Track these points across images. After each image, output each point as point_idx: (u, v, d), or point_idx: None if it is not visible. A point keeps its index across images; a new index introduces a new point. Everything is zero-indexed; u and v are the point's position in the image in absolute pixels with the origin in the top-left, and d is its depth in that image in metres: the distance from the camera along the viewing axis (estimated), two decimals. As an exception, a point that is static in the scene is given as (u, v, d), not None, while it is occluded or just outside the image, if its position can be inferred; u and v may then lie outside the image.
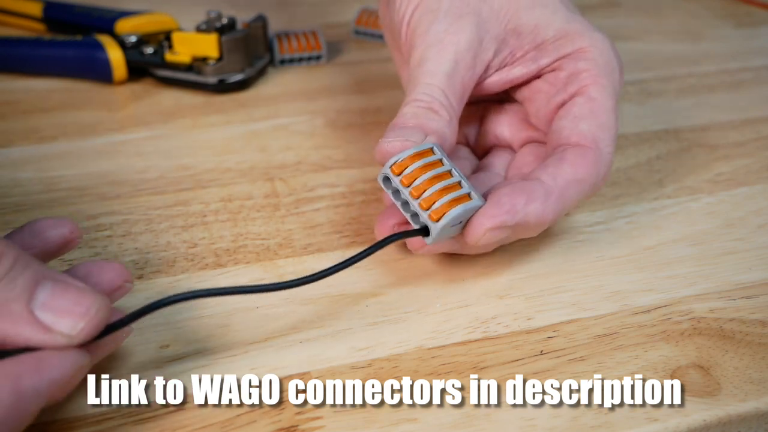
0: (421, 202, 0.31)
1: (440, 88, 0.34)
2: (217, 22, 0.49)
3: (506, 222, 0.31)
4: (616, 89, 0.36)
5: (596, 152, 0.34)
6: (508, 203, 0.31)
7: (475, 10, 0.36)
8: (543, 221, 0.32)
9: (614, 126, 0.35)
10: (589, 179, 0.34)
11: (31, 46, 0.51)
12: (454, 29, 0.35)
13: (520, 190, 0.32)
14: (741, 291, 0.34)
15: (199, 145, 0.44)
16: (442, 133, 0.33)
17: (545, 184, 0.33)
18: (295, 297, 0.34)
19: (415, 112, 0.34)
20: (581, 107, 0.35)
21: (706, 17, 0.62)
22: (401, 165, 0.31)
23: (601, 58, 0.36)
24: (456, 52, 0.35)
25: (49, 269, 0.27)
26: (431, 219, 0.31)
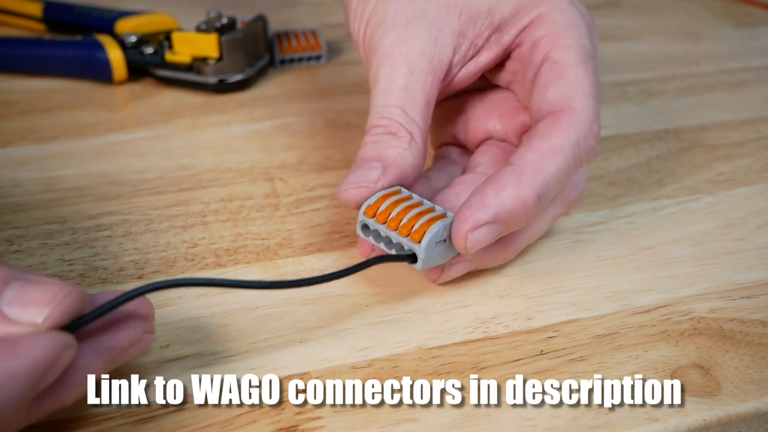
0: (400, 230, 0.31)
1: (397, 106, 0.34)
2: (217, 22, 0.49)
3: (480, 219, 0.30)
4: (584, 45, 0.34)
5: (568, 113, 0.32)
6: (477, 201, 0.31)
7: (422, 12, 0.34)
8: (524, 204, 0.31)
9: (587, 79, 0.33)
10: (566, 143, 0.31)
11: (31, 46, 0.51)
12: (403, 39, 0.34)
13: (487, 183, 0.31)
14: (741, 291, 0.34)
15: (199, 145, 0.44)
16: (402, 157, 0.33)
17: (515, 165, 0.31)
18: (295, 297, 0.34)
19: (374, 140, 0.33)
20: (546, 75, 0.33)
21: (706, 17, 0.62)
22: (373, 207, 0.32)
23: (561, 19, 0.34)
24: (408, 63, 0.34)
25: (22, 271, 0.26)
26: (414, 241, 0.31)
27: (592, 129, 0.32)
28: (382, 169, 0.33)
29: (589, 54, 0.33)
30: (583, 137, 0.32)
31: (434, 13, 0.34)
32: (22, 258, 0.35)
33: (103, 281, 0.34)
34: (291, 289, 0.34)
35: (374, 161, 0.33)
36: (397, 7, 0.35)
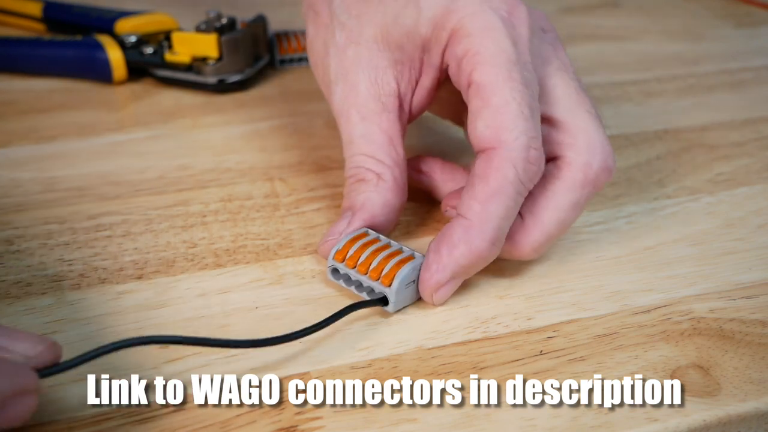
0: (370, 274, 0.32)
1: (361, 154, 0.35)
2: (216, 22, 0.49)
3: (441, 280, 0.32)
4: (505, 52, 0.32)
5: (500, 149, 0.31)
6: (434, 262, 0.32)
7: (356, 58, 0.35)
8: (479, 255, 0.31)
9: (513, 99, 0.31)
10: (505, 183, 0.31)
11: (31, 46, 0.50)
12: (347, 91, 0.35)
13: (441, 241, 0.32)
14: (741, 291, 0.34)
15: (199, 145, 0.44)
16: (369, 200, 0.34)
17: (462, 218, 0.32)
18: (295, 297, 0.34)
19: (347, 191, 0.35)
20: (474, 101, 0.32)
21: (706, 17, 0.62)
22: (342, 252, 0.33)
23: (475, 26, 0.32)
24: (358, 111, 0.35)
25: None
26: (384, 285, 0.32)
27: (529, 157, 0.31)
28: (351, 218, 0.34)
29: (512, 62, 0.32)
30: (522, 170, 0.31)
31: (366, 54, 0.35)
32: (21, 258, 0.35)
33: (103, 281, 0.34)
34: (294, 288, 0.34)
35: (347, 211, 0.35)
36: (336, 62, 0.36)
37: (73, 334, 0.32)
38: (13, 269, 0.35)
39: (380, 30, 0.35)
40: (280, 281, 0.34)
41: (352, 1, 0.36)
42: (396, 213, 0.35)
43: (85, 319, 0.32)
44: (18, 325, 0.32)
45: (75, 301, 0.33)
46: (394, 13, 0.34)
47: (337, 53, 0.36)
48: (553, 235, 0.34)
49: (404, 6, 0.34)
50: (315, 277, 0.35)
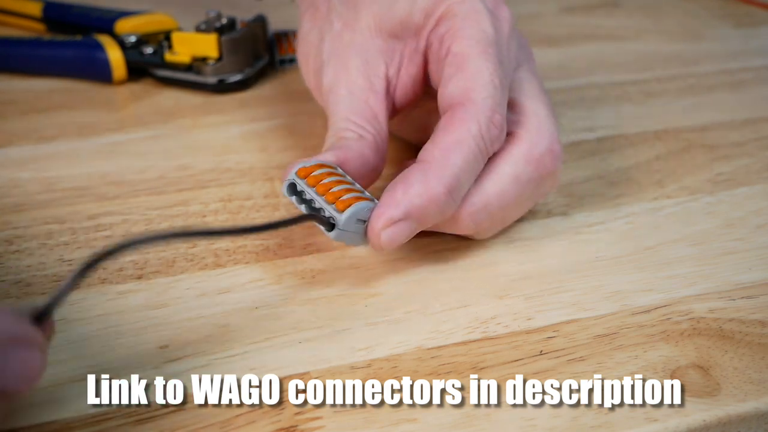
0: (327, 197, 0.32)
1: (344, 118, 0.35)
2: (216, 22, 0.49)
3: (393, 216, 0.31)
4: (485, 32, 0.34)
5: (467, 105, 0.32)
6: (388, 198, 0.31)
7: (351, 42, 0.36)
8: (434, 199, 0.31)
9: (485, 69, 0.33)
10: (467, 135, 0.32)
11: (31, 46, 0.51)
12: (339, 69, 0.36)
13: (397, 181, 0.32)
14: (741, 291, 0.34)
15: (199, 145, 0.44)
16: (346, 145, 0.34)
17: (421, 162, 0.32)
18: (295, 297, 0.34)
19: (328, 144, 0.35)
20: (448, 68, 0.34)
21: (705, 17, 0.62)
22: (307, 170, 0.32)
23: (461, 11, 0.34)
24: (346, 85, 0.36)
25: None
26: (338, 209, 0.31)
27: (493, 118, 0.32)
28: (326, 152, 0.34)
29: (490, 41, 0.34)
30: (485, 127, 0.32)
31: (360, 39, 0.36)
32: (21, 258, 0.35)
33: (103, 281, 0.34)
34: (293, 289, 0.34)
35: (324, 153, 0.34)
36: (330, 46, 0.37)
37: (74, 334, 0.32)
38: (13, 269, 0.35)
39: (375, 19, 0.36)
40: (280, 281, 0.34)
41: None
42: (371, 171, 0.35)
43: (86, 318, 0.32)
44: (18, 325, 0.32)
45: (75, 301, 0.33)
46: (389, 3, 0.36)
47: (332, 38, 0.37)
48: (491, 206, 0.34)
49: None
50: (315, 277, 0.35)
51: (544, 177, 0.35)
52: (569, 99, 0.49)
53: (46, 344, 0.25)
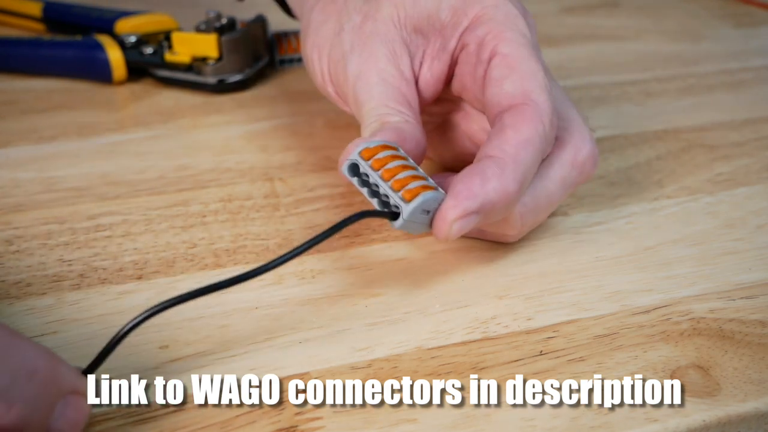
0: (393, 184, 0.31)
1: (382, 104, 0.34)
2: (216, 22, 0.49)
3: (468, 208, 0.30)
4: (526, 35, 0.34)
5: (532, 105, 0.33)
6: (464, 189, 0.31)
7: (374, 32, 0.36)
8: (508, 195, 0.31)
9: (538, 70, 0.33)
10: (536, 135, 0.32)
11: (31, 46, 0.51)
12: (365, 57, 0.35)
13: (472, 173, 0.31)
14: (741, 291, 0.34)
15: (199, 145, 0.44)
16: (398, 124, 0.33)
17: (495, 157, 0.31)
18: (295, 297, 0.34)
19: (370, 131, 0.34)
20: (499, 69, 0.34)
21: (705, 17, 0.62)
22: (371, 151, 0.31)
23: (499, 14, 0.34)
24: (378, 73, 0.35)
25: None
26: (405, 199, 0.30)
27: (553, 120, 0.33)
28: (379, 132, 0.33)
29: (532, 44, 0.34)
30: (549, 129, 0.33)
31: (383, 29, 0.36)
32: (21, 258, 0.35)
33: (103, 281, 0.34)
34: (293, 289, 0.34)
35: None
36: (351, 37, 0.36)
37: (74, 335, 0.32)
38: (13, 269, 0.35)
39: (399, 11, 0.36)
40: (280, 281, 0.34)
41: None
42: (422, 151, 0.34)
43: (86, 319, 0.32)
44: (18, 325, 0.32)
45: (75, 302, 0.33)
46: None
47: (352, 29, 0.36)
48: (540, 208, 0.34)
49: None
50: (315, 277, 0.35)
51: (583, 181, 0.36)
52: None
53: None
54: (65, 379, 0.26)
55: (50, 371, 0.25)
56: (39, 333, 0.32)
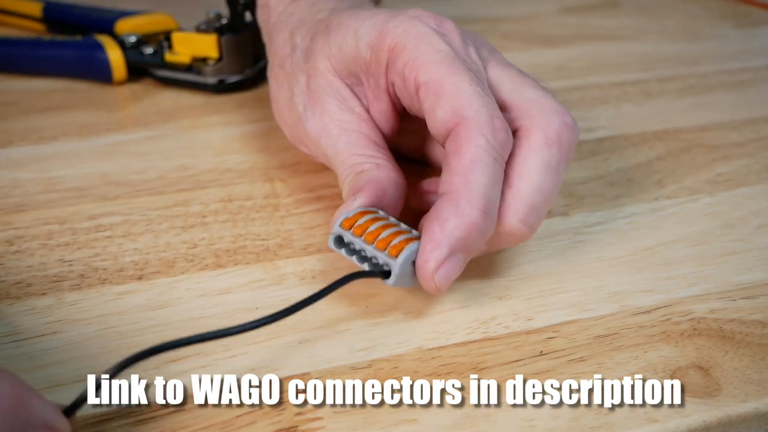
0: (378, 244, 0.31)
1: (351, 154, 0.35)
2: (216, 22, 0.49)
3: (439, 257, 0.30)
4: (442, 51, 0.33)
5: (464, 123, 0.31)
6: (428, 241, 0.30)
7: (318, 87, 0.36)
8: (474, 225, 0.30)
9: (463, 81, 0.32)
10: (479, 151, 0.31)
11: (31, 46, 0.51)
12: (318, 114, 0.36)
13: (431, 219, 0.31)
14: (741, 291, 0.34)
15: (199, 146, 0.44)
16: (374, 176, 0.34)
17: (447, 194, 0.31)
18: (296, 297, 0.33)
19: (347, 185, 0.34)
20: (427, 99, 0.32)
21: (705, 17, 0.62)
22: (350, 220, 0.32)
23: (409, 40, 0.33)
24: (336, 124, 0.36)
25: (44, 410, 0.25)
26: (391, 256, 0.31)
27: (494, 124, 0.31)
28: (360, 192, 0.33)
29: (451, 57, 0.33)
30: (492, 136, 0.31)
31: (325, 83, 0.36)
32: (22, 258, 0.35)
33: (103, 282, 0.34)
34: (293, 289, 0.34)
35: (353, 194, 0.34)
36: (301, 99, 0.37)
37: (74, 335, 0.32)
38: (14, 270, 0.35)
39: (330, 61, 0.36)
40: (281, 282, 0.34)
41: (306, 46, 0.38)
42: (402, 191, 0.34)
43: (86, 319, 0.32)
44: (18, 325, 0.32)
45: (75, 302, 0.33)
46: (338, 43, 0.36)
47: (301, 90, 0.37)
48: (536, 203, 0.32)
49: (344, 36, 0.35)
50: (315, 277, 0.35)
51: (569, 151, 0.34)
52: (569, 99, 0.49)
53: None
54: (36, 411, 0.25)
55: (16, 399, 0.24)
56: (39, 333, 0.32)
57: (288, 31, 0.39)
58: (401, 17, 0.34)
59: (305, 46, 0.38)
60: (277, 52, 0.40)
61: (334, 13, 0.37)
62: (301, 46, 0.38)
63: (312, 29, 0.38)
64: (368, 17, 0.35)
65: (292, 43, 0.39)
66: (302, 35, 0.38)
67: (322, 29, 0.37)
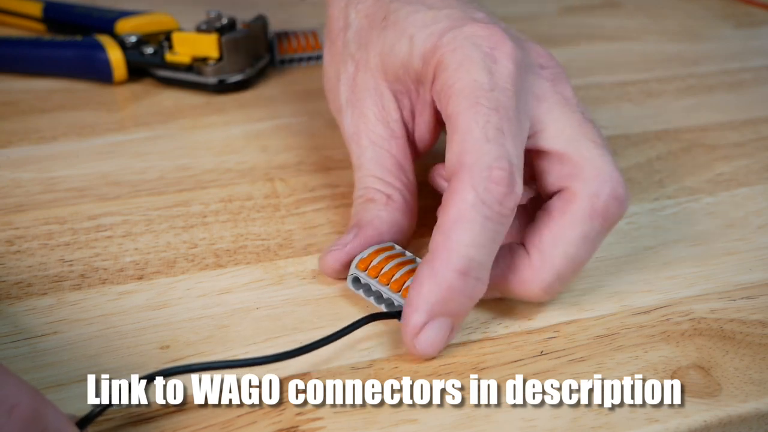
0: (392, 286, 0.32)
1: (370, 175, 0.35)
2: (217, 22, 0.49)
3: (417, 323, 0.29)
4: (476, 82, 0.31)
5: (460, 173, 0.29)
6: (407, 306, 0.30)
7: (363, 85, 0.36)
8: (451, 288, 0.29)
9: (476, 123, 0.30)
10: (466, 207, 0.29)
11: (31, 46, 0.51)
12: (357, 116, 0.36)
13: (411, 285, 0.30)
14: (741, 291, 0.34)
15: (199, 146, 0.44)
16: (376, 218, 0.34)
17: (428, 254, 0.30)
18: (296, 297, 0.34)
19: (354, 211, 0.35)
20: (449, 132, 0.31)
21: (706, 17, 0.62)
22: (365, 260, 0.33)
23: (453, 61, 0.32)
24: (368, 135, 0.35)
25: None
26: (404, 297, 0.31)
27: (491, 176, 0.29)
28: (357, 232, 0.34)
29: (483, 90, 0.31)
30: (484, 190, 0.29)
31: (372, 82, 0.36)
32: (22, 258, 0.35)
33: (104, 282, 0.34)
34: (294, 289, 0.34)
35: (354, 228, 0.34)
36: (346, 89, 0.37)
37: (74, 335, 0.32)
38: (14, 270, 0.35)
39: (381, 58, 0.35)
40: (281, 282, 0.34)
41: (362, 32, 0.36)
42: (404, 235, 0.35)
43: (86, 319, 0.32)
44: (19, 325, 0.32)
45: (76, 302, 0.33)
46: (391, 43, 0.35)
47: (347, 80, 0.37)
48: (564, 274, 0.31)
49: (399, 38, 0.34)
50: (315, 277, 0.35)
51: (612, 225, 0.32)
52: (569, 99, 0.49)
53: None
54: (51, 422, 0.25)
55: (32, 410, 0.24)
56: (39, 333, 0.32)
57: (344, 1, 0.38)
58: (457, 33, 0.32)
59: (359, 26, 0.36)
60: (331, 24, 0.38)
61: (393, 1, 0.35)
62: (355, 24, 0.37)
63: (370, 9, 0.36)
64: (427, 22, 0.33)
65: (345, 16, 0.37)
66: (357, 11, 0.37)
67: (379, 20, 0.35)
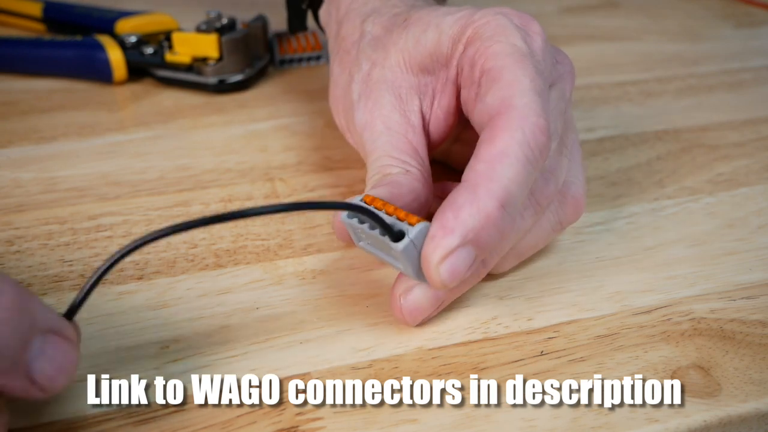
0: (396, 213, 0.29)
1: (385, 155, 0.34)
2: (217, 22, 0.49)
3: (449, 245, 0.28)
4: (516, 46, 0.32)
5: (509, 112, 0.29)
6: (439, 228, 0.28)
7: (381, 79, 0.35)
8: (489, 218, 0.28)
9: (525, 76, 0.30)
10: (512, 143, 0.29)
11: (31, 46, 0.51)
12: (371, 107, 0.35)
13: (444, 206, 0.29)
14: (741, 291, 0.34)
15: (199, 146, 0.44)
16: (396, 179, 0.33)
17: (467, 182, 0.29)
18: (296, 297, 0.34)
19: (371, 186, 0.33)
20: (485, 85, 0.31)
21: (706, 17, 0.62)
22: (369, 197, 0.30)
23: (488, 29, 0.32)
24: (383, 122, 0.35)
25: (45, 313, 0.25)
26: (409, 223, 0.29)
27: (538, 123, 0.29)
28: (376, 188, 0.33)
29: (523, 52, 0.31)
30: (531, 133, 0.29)
31: (390, 76, 0.35)
32: (22, 258, 0.35)
33: (104, 282, 0.34)
34: (294, 289, 0.34)
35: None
36: (359, 86, 0.36)
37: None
38: (14, 270, 0.35)
39: (404, 55, 0.35)
40: (281, 282, 0.34)
41: (379, 35, 0.37)
42: (421, 206, 0.33)
43: (86, 319, 0.32)
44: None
45: (75, 302, 0.33)
46: (416, 37, 0.35)
47: (362, 78, 0.36)
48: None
49: (425, 30, 0.35)
50: (315, 277, 0.35)
51: (570, 222, 0.35)
52: (569, 99, 0.49)
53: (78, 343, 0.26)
54: (40, 314, 0.24)
55: (18, 299, 0.23)
56: (39, 333, 0.32)
57: (359, 19, 0.39)
58: (487, 11, 0.33)
59: (376, 35, 0.37)
60: (345, 39, 0.39)
61: (413, 9, 0.37)
62: (371, 33, 0.37)
63: (386, 21, 0.37)
64: (451, 12, 0.34)
65: (361, 30, 0.38)
66: (374, 23, 0.37)
67: (399, 23, 0.36)
